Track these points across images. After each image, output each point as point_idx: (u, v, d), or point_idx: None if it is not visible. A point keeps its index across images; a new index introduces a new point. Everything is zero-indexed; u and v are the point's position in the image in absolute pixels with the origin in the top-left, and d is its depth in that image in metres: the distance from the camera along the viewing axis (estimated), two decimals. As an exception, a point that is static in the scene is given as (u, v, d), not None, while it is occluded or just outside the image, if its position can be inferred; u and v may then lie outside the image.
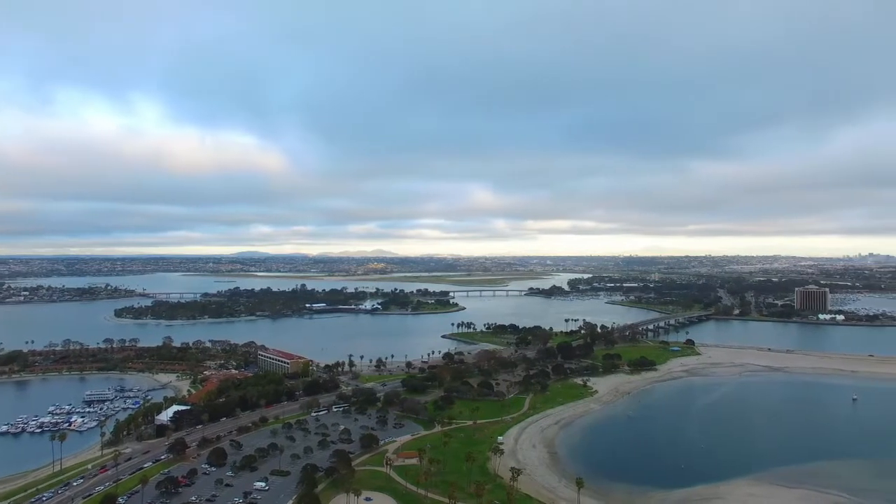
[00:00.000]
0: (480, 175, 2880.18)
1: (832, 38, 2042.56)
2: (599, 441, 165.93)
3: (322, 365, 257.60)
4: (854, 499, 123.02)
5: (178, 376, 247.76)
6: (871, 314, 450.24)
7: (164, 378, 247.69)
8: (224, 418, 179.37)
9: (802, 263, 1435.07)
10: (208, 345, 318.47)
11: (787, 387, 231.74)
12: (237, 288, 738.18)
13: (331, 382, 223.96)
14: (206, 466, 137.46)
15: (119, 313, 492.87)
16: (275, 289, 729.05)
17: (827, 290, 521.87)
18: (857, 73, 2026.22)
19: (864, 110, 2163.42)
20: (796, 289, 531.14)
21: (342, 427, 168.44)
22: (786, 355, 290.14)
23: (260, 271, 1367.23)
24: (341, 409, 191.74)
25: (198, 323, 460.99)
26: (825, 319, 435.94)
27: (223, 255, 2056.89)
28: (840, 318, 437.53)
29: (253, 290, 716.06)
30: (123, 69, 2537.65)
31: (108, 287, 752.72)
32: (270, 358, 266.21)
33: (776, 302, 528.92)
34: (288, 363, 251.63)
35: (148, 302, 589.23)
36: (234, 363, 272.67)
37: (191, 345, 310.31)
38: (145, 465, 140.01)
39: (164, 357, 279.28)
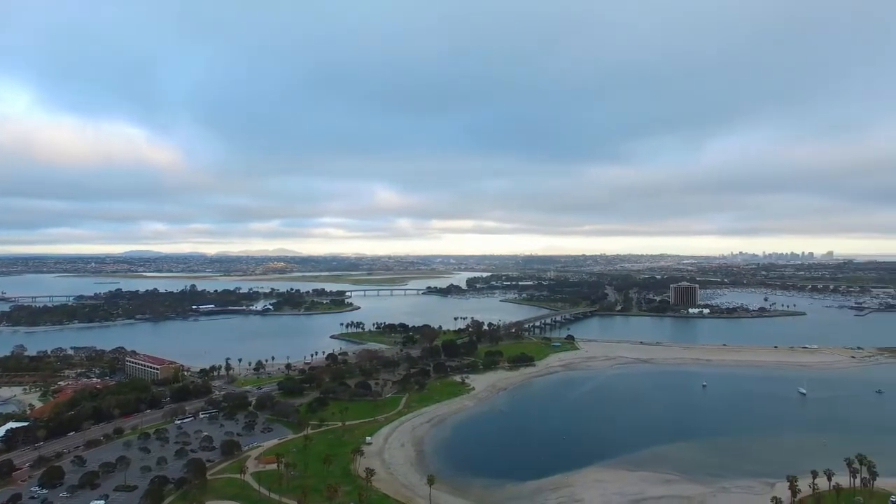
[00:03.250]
0: (384, 175, 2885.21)
1: (704, 59, 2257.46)
2: (468, 437, 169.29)
3: (197, 370, 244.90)
4: (683, 475, 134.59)
5: (25, 389, 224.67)
6: (731, 308, 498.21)
7: (6, 392, 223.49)
8: (73, 433, 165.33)
9: (685, 262, 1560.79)
10: (70, 352, 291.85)
11: (650, 377, 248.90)
12: (119, 290, 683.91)
13: (202, 388, 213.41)
14: (37, 489, 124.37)
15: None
16: (162, 290, 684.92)
17: (697, 286, 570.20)
18: (725, 90, 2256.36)
19: (731, 124, 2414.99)
20: (671, 285, 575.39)
21: (205, 434, 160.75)
22: (654, 347, 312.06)
23: (149, 271, 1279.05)
24: (208, 415, 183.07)
25: (65, 329, 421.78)
26: (694, 313, 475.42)
27: (109, 254, 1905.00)
28: (706, 311, 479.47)
29: (137, 291, 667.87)
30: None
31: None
32: (139, 364, 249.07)
33: (655, 298, 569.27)
34: (158, 369, 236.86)
35: (6, 307, 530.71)
36: (97, 371, 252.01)
37: (49, 353, 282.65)
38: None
39: (12, 368, 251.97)
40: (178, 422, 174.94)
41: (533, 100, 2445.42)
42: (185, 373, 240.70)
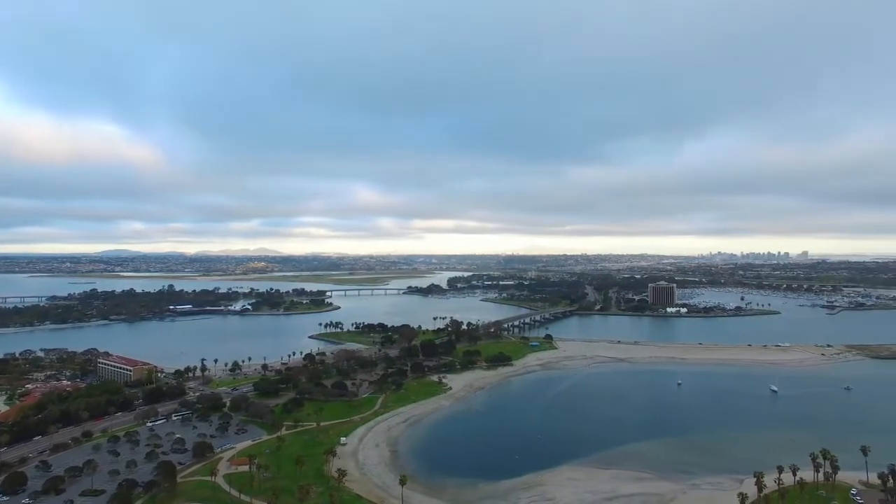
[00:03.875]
0: (365, 174, 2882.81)
1: (682, 62, 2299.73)
2: (444, 437, 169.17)
3: (172, 371, 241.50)
4: (656, 473, 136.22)
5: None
6: (708, 307, 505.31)
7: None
8: (39, 437, 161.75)
9: (665, 261, 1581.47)
10: (40, 354, 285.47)
11: (626, 375, 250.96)
12: (94, 290, 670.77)
13: (176, 389, 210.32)
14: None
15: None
16: (139, 290, 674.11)
17: (674, 285, 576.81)
18: (702, 93, 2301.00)
19: (708, 126, 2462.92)
20: (650, 285, 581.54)
21: (177, 436, 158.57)
22: (632, 346, 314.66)
23: (127, 271, 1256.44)
24: (181, 416, 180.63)
25: (36, 330, 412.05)
26: (672, 312, 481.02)
27: (85, 254, 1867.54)
28: (683, 310, 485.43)
29: (113, 291, 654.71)
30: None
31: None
32: (111, 366, 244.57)
33: (634, 297, 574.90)
34: (131, 370, 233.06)
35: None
36: (67, 374, 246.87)
37: (17, 355, 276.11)
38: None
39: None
40: (150, 424, 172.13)
41: (514, 100, 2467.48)
42: (159, 374, 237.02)
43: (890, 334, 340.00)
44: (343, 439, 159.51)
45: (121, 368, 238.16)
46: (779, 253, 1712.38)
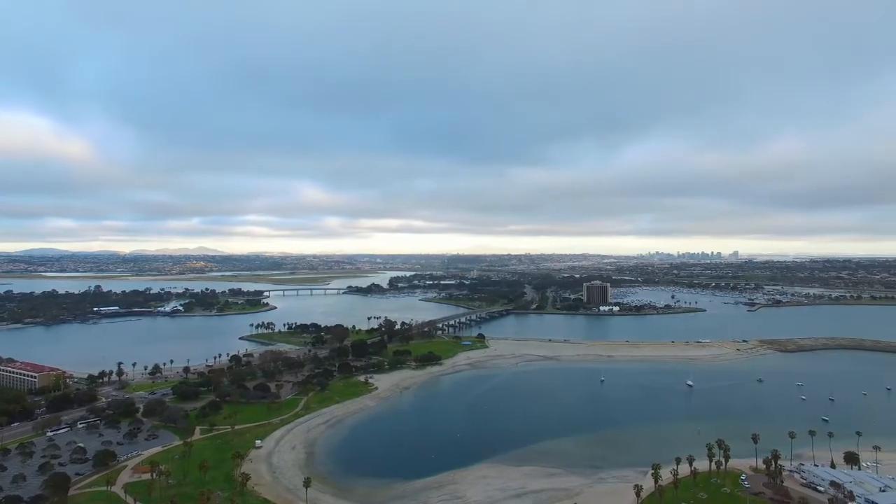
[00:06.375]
0: (310, 173, 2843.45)
1: (616, 70, 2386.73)
2: (363, 438, 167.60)
3: (85, 376, 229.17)
4: (566, 468, 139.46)
5: None
6: (639, 305, 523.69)
7: None
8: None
9: (605, 261, 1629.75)
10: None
11: (552, 373, 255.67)
12: (9, 291, 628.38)
13: (86, 395, 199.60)
14: None
15: None
16: (62, 291, 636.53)
17: (608, 284, 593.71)
18: (639, 99, 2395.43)
19: (646, 132, 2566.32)
20: (584, 284, 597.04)
21: (78, 445, 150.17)
22: (561, 345, 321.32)
23: (51, 271, 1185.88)
24: (86, 424, 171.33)
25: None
26: (605, 311, 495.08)
27: (3, 252, 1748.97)
28: (616, 309, 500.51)
29: (32, 293, 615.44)
30: None
31: None
32: (13, 372, 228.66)
33: (570, 296, 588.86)
34: (36, 377, 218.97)
35: None
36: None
37: None
38: None
39: None
40: (51, 433, 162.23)
41: (458, 102, 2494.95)
42: (70, 380, 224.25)
43: (798, 329, 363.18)
44: (259, 442, 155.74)
45: (24, 375, 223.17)
46: (712, 253, 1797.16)
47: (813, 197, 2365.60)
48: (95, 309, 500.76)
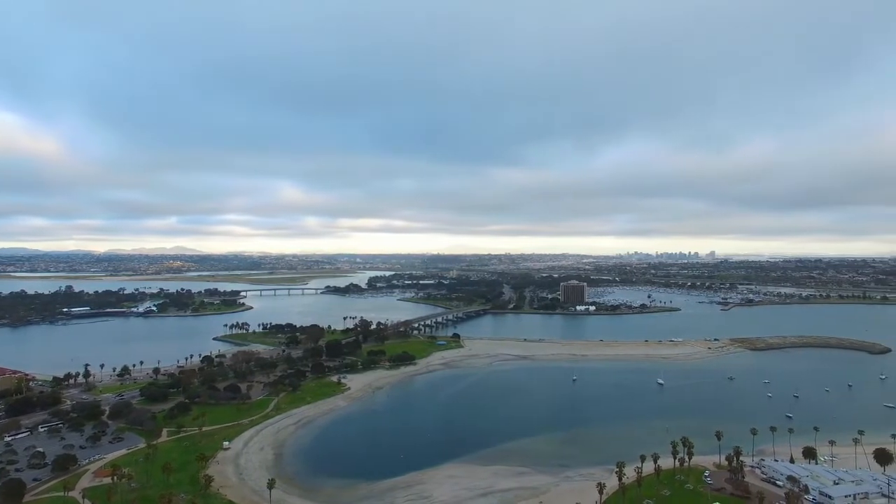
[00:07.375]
0: (289, 172, 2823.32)
1: (593, 72, 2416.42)
2: (333, 438, 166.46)
3: (50, 378, 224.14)
4: (535, 467, 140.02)
5: None
6: (615, 305, 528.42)
7: None
8: None
9: (585, 261, 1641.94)
10: None
11: (525, 372, 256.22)
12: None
13: (49, 398, 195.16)
14: None
15: None
16: (31, 291, 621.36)
17: (585, 284, 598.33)
18: (616, 101, 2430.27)
19: (623, 133, 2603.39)
20: (561, 283, 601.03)
21: (37, 450, 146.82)
22: (536, 344, 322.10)
23: (21, 271, 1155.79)
24: (48, 428, 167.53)
25: None
26: (581, 310, 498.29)
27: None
28: (592, 308, 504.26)
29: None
30: None
31: None
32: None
33: (547, 296, 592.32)
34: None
35: None
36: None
37: None
38: None
39: None
40: (9, 438, 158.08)
41: (437, 102, 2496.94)
42: (33, 382, 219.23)
43: (769, 328, 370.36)
44: (227, 443, 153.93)
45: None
46: (689, 253, 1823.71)
47: (787, 198, 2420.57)
48: (65, 310, 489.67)
